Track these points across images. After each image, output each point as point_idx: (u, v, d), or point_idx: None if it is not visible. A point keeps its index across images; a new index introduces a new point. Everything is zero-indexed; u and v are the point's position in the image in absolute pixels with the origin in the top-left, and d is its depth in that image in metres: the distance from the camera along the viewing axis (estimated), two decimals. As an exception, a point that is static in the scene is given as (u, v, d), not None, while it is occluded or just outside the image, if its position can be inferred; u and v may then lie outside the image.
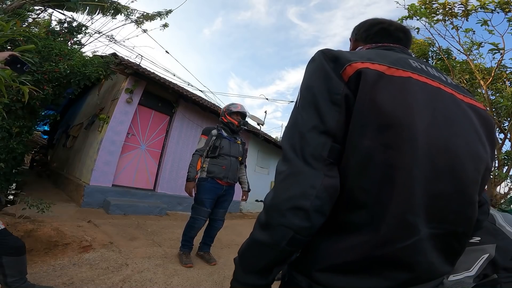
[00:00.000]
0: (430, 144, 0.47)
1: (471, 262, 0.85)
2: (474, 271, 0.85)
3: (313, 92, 0.50)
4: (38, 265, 2.02)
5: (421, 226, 0.47)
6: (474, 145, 0.53)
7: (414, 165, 0.45)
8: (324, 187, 0.45)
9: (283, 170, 0.48)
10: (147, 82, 5.07)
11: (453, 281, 0.85)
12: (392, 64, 0.51)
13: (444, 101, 0.53)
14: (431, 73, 0.56)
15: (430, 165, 0.47)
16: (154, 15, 6.81)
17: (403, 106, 0.46)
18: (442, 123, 0.49)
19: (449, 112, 0.52)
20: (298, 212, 0.44)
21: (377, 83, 0.47)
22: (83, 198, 4.20)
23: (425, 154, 0.46)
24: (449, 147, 0.49)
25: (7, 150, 3.37)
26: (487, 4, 4.70)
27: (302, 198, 0.44)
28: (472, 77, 5.64)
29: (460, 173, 0.50)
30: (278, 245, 0.47)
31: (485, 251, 0.85)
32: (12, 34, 2.52)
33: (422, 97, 0.49)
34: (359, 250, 0.46)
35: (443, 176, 0.48)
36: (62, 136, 7.92)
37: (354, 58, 0.50)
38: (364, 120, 0.46)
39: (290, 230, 0.45)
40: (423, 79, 0.52)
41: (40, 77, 3.67)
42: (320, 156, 0.46)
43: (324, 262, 0.48)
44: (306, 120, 0.48)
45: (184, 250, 2.64)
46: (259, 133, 7.55)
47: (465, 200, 0.52)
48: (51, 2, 5.42)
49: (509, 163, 4.70)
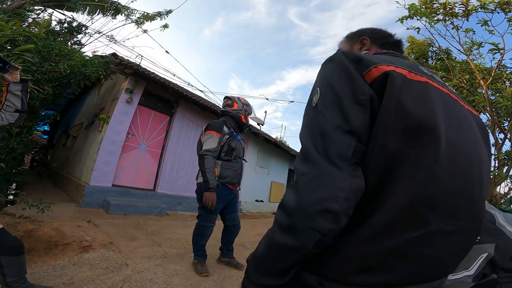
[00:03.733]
0: (449, 146, 0.48)
1: (470, 261, 0.85)
2: (473, 270, 0.84)
3: (336, 92, 0.49)
4: (38, 265, 2.03)
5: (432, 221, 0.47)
6: (479, 148, 0.55)
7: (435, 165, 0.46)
8: (351, 188, 0.44)
9: (307, 171, 0.46)
10: (147, 82, 5.08)
11: (452, 280, 0.85)
12: (411, 68, 0.52)
13: (454, 107, 0.55)
14: (440, 81, 0.58)
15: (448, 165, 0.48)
16: (154, 15, 6.81)
17: (426, 110, 0.48)
18: (456, 127, 0.51)
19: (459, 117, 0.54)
20: (328, 214, 0.44)
21: (402, 86, 0.48)
22: (83, 198, 4.20)
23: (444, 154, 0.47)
24: (463, 149, 0.50)
25: (7, 150, 3.37)
26: (487, 4, 4.70)
27: (332, 200, 0.44)
28: (472, 77, 5.64)
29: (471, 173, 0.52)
30: (304, 248, 0.46)
31: (484, 250, 0.85)
32: (12, 34, 2.53)
33: (439, 102, 0.51)
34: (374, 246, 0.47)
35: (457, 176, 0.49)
36: (62, 136, 7.93)
37: (377, 61, 0.50)
38: (391, 121, 0.46)
39: (318, 233, 0.44)
40: (437, 85, 0.54)
41: (40, 77, 3.67)
42: (345, 156, 0.45)
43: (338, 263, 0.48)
44: (330, 120, 0.47)
45: (199, 259, 2.43)
46: (259, 133, 7.55)
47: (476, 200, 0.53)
48: (51, 2, 5.42)
49: (509, 163, 4.69)
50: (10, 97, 1.44)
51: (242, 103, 2.62)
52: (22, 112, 1.50)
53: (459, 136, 0.51)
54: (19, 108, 1.47)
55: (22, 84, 1.47)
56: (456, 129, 0.51)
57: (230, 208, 2.54)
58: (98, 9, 6.00)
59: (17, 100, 1.45)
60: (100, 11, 6.08)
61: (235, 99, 2.65)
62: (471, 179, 0.52)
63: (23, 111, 1.50)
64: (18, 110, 1.47)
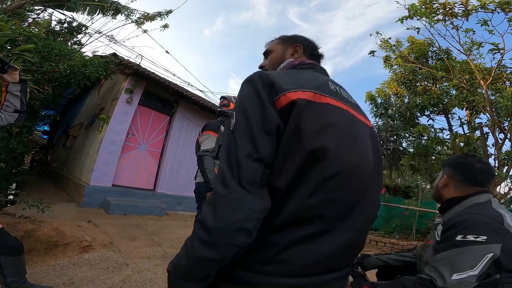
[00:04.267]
0: (342, 161, 0.59)
1: (475, 261, 0.85)
2: (478, 270, 0.84)
3: (248, 120, 0.56)
4: (38, 265, 2.02)
5: (319, 223, 0.58)
6: (367, 158, 0.66)
7: (320, 180, 0.56)
8: (261, 209, 0.53)
9: (225, 194, 0.53)
10: (147, 82, 5.07)
11: (456, 280, 0.85)
12: (316, 89, 0.60)
13: (350, 123, 0.65)
14: (342, 96, 0.67)
15: (340, 178, 0.58)
16: (154, 15, 6.80)
17: (320, 131, 0.57)
18: (347, 144, 0.61)
19: (352, 133, 0.64)
20: (244, 232, 0.52)
21: (303, 110, 0.56)
22: (83, 198, 4.20)
23: (338, 169, 0.58)
24: (351, 163, 0.61)
25: (7, 150, 3.36)
26: (487, 4, 4.71)
27: (247, 221, 0.52)
28: (472, 77, 5.63)
29: (355, 183, 0.62)
30: (225, 259, 0.53)
31: (490, 250, 0.85)
32: (12, 34, 2.52)
33: (336, 121, 0.61)
34: (273, 241, 0.57)
35: (352, 182, 0.61)
36: (62, 136, 7.92)
37: (288, 86, 0.57)
38: (291, 144, 0.55)
39: (236, 247, 0.52)
40: (338, 104, 0.63)
41: (40, 77, 3.66)
42: (254, 181, 0.53)
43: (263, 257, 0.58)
44: (242, 148, 0.55)
45: None
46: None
47: (359, 204, 0.63)
48: (51, 2, 5.42)
49: (509, 163, 4.69)
50: (10, 98, 1.43)
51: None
52: (22, 112, 1.49)
53: (349, 152, 0.61)
54: (19, 108, 1.46)
55: (21, 84, 1.46)
56: (346, 146, 0.61)
57: None
58: (98, 9, 5.99)
59: (16, 101, 1.45)
60: (100, 11, 6.07)
61: (231, 99, 2.64)
62: (354, 187, 0.62)
63: (22, 111, 1.49)
64: (17, 111, 1.46)
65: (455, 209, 1.03)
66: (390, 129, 8.35)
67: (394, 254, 1.40)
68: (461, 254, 0.86)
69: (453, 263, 0.86)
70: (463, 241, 0.87)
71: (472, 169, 1.05)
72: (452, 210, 1.05)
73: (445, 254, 0.90)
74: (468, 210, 0.97)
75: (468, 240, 0.86)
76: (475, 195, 1.02)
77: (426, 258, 1.06)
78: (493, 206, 0.97)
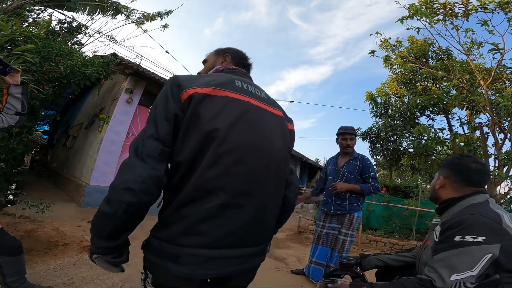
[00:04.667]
0: (231, 142, 0.70)
1: (474, 262, 0.85)
2: (477, 271, 0.84)
3: (156, 110, 0.71)
4: (38, 265, 2.02)
5: (223, 196, 0.69)
6: (269, 139, 0.78)
7: (223, 155, 0.69)
8: (149, 176, 0.65)
9: (125, 163, 0.68)
10: (147, 82, 5.07)
11: (455, 281, 0.85)
12: (218, 86, 0.74)
13: (251, 112, 0.77)
14: (248, 91, 0.81)
15: (235, 154, 0.71)
16: (155, 15, 6.80)
17: (216, 117, 0.70)
18: (246, 125, 0.74)
19: (252, 119, 0.76)
20: (129, 191, 0.64)
21: (202, 102, 0.70)
22: (83, 198, 4.20)
23: (229, 148, 0.70)
24: (248, 143, 0.73)
25: (7, 150, 3.37)
26: (487, 4, 4.70)
27: (133, 182, 0.64)
28: (472, 77, 5.63)
29: (254, 161, 0.73)
30: (115, 214, 0.64)
31: (488, 250, 0.84)
32: (12, 34, 2.53)
33: (235, 110, 0.74)
34: (185, 214, 0.69)
35: (250, 159, 0.72)
36: (62, 136, 7.93)
37: (190, 85, 0.72)
38: (189, 129, 0.70)
39: (123, 203, 0.64)
40: (237, 96, 0.76)
41: (40, 77, 3.66)
42: (153, 155, 0.67)
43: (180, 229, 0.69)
44: (148, 131, 0.70)
45: None
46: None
47: (263, 181, 0.75)
48: (51, 2, 5.42)
49: (509, 163, 4.69)
50: (11, 100, 1.43)
51: None
52: (23, 115, 1.49)
53: (243, 133, 0.73)
54: (19, 111, 1.46)
55: (23, 87, 1.45)
56: (241, 128, 0.73)
57: None
58: (98, 9, 5.99)
59: (17, 103, 1.45)
60: (100, 11, 6.07)
61: None
62: (253, 164, 0.73)
63: (23, 113, 1.49)
64: (18, 113, 1.46)
65: (453, 210, 1.03)
66: (390, 129, 8.34)
67: (394, 254, 1.39)
68: (460, 254, 0.86)
69: (452, 264, 0.86)
70: (461, 241, 0.87)
71: (468, 169, 1.05)
72: (449, 211, 1.05)
73: (443, 254, 0.90)
74: (466, 211, 0.97)
75: (467, 240, 0.86)
76: (472, 195, 1.02)
77: (424, 259, 1.06)
78: (491, 206, 0.97)
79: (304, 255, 3.45)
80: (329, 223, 2.53)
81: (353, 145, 2.59)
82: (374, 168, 2.81)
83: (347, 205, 2.46)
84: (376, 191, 2.48)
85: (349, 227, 2.45)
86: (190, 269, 0.67)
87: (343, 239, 2.44)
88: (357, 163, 2.51)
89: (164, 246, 0.70)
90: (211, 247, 0.69)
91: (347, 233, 2.45)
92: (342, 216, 2.48)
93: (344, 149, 2.61)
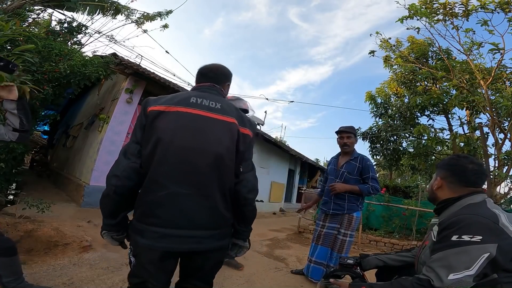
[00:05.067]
0: (180, 144, 0.94)
1: (471, 261, 0.85)
2: (474, 270, 0.84)
3: (136, 122, 1.03)
4: (38, 265, 2.02)
5: (170, 186, 0.91)
6: (212, 141, 0.96)
7: (167, 156, 0.93)
8: (128, 166, 0.94)
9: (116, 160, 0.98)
10: (147, 82, 5.08)
11: (453, 280, 0.85)
12: (172, 104, 0.98)
13: (198, 120, 0.98)
14: (201, 105, 1.00)
15: (179, 155, 0.93)
16: (155, 15, 6.79)
17: (166, 128, 0.95)
18: (189, 133, 0.96)
19: (197, 126, 0.97)
20: (115, 177, 0.93)
21: (157, 117, 0.96)
22: (83, 198, 4.20)
23: (173, 150, 0.93)
24: (190, 145, 0.95)
25: (7, 150, 3.37)
26: (487, 4, 4.70)
27: (117, 171, 0.94)
28: (472, 77, 5.63)
29: (190, 159, 0.94)
30: (109, 195, 0.94)
31: (486, 250, 0.85)
32: (12, 34, 2.52)
33: (181, 121, 0.96)
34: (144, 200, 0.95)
35: (188, 159, 0.94)
36: (62, 136, 7.93)
37: (153, 104, 0.99)
38: (148, 136, 0.96)
39: (112, 186, 0.93)
40: (188, 110, 0.98)
41: (40, 77, 3.67)
42: (133, 153, 0.97)
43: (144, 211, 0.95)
44: (132, 137, 1.01)
45: None
46: (259, 133, 7.56)
47: (196, 173, 0.94)
48: (51, 2, 5.41)
49: (509, 163, 4.69)
50: (8, 116, 1.34)
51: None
52: (23, 131, 1.38)
53: (182, 139, 0.94)
54: (17, 127, 1.35)
55: (17, 103, 1.33)
56: (181, 135, 0.94)
57: None
58: (98, 9, 5.99)
59: (15, 119, 1.34)
60: (100, 11, 6.07)
61: None
62: (195, 161, 0.94)
63: (23, 130, 1.38)
64: (17, 130, 1.36)
65: (450, 210, 1.03)
66: (390, 129, 8.34)
67: (393, 254, 1.40)
68: (457, 254, 0.87)
69: (449, 263, 0.87)
70: (458, 241, 0.88)
71: (465, 170, 1.06)
72: (447, 211, 1.05)
73: (441, 254, 0.90)
74: (463, 210, 0.97)
75: (464, 240, 0.87)
76: (469, 196, 1.02)
77: (423, 259, 1.07)
78: (488, 206, 0.97)
79: (304, 255, 3.45)
80: (329, 222, 2.53)
81: (350, 144, 2.57)
82: (374, 168, 2.80)
83: (346, 205, 2.46)
84: (376, 192, 2.47)
85: (348, 227, 2.45)
86: (151, 242, 0.90)
87: (342, 239, 2.44)
88: (356, 163, 2.51)
89: (136, 224, 0.96)
90: (164, 226, 0.90)
91: (346, 233, 2.45)
92: (341, 216, 2.47)
93: (342, 148, 2.61)
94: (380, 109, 8.93)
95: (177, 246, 0.91)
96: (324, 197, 2.66)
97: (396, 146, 8.58)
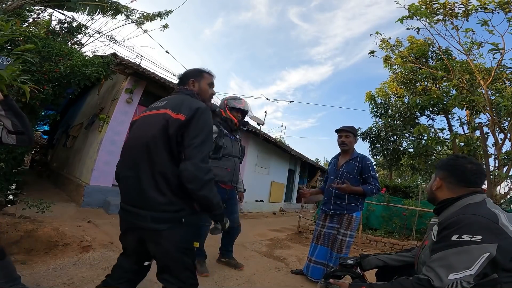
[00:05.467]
0: (130, 140, 1.24)
1: (471, 261, 0.85)
2: (474, 270, 0.84)
3: None
4: (38, 265, 2.02)
5: (121, 170, 1.22)
6: (146, 133, 1.15)
7: (124, 150, 1.28)
8: None
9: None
10: (147, 82, 5.07)
11: (453, 280, 0.85)
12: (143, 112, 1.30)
13: (142, 118, 1.25)
14: (153, 106, 1.25)
15: (126, 149, 1.25)
16: (154, 15, 6.80)
17: (130, 130, 1.32)
18: (137, 131, 1.22)
19: (140, 123, 1.24)
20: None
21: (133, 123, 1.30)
22: (83, 198, 4.20)
23: (126, 145, 1.27)
24: (133, 140, 1.22)
25: (7, 150, 3.36)
26: (487, 4, 4.70)
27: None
28: (472, 77, 5.63)
29: (137, 148, 1.16)
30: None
31: (486, 249, 0.85)
32: (12, 34, 2.52)
33: (139, 122, 1.25)
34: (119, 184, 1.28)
35: (130, 151, 1.20)
36: (62, 136, 7.92)
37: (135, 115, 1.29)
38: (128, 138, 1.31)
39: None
40: (144, 113, 1.26)
41: (40, 77, 3.66)
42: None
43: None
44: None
45: (198, 259, 2.34)
46: (259, 133, 7.55)
47: (137, 161, 1.14)
48: (51, 2, 5.42)
49: (509, 163, 4.68)
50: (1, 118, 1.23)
51: (224, 103, 2.61)
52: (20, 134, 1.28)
53: (136, 134, 1.21)
54: (11, 129, 1.25)
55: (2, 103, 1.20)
56: (136, 132, 1.22)
57: (228, 210, 2.47)
58: (98, 9, 5.99)
59: (6, 121, 1.24)
60: (100, 11, 6.07)
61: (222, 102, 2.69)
62: (134, 151, 1.17)
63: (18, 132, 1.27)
64: (11, 132, 1.26)
65: (450, 210, 1.04)
66: (390, 129, 8.34)
67: (393, 254, 1.40)
68: (457, 254, 0.87)
69: (449, 263, 0.87)
70: (458, 241, 0.88)
71: (464, 170, 1.06)
72: (447, 211, 1.05)
73: (441, 254, 0.90)
74: (463, 210, 0.97)
75: (464, 240, 0.87)
76: (468, 196, 1.02)
77: (423, 259, 1.07)
78: (488, 206, 0.97)
79: (304, 255, 3.45)
80: (329, 222, 2.53)
81: (349, 143, 2.57)
82: (374, 168, 2.80)
83: (345, 205, 2.46)
84: (377, 192, 2.48)
85: (347, 227, 2.45)
86: (119, 213, 1.22)
87: (342, 239, 2.44)
88: (356, 162, 2.51)
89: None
90: (122, 202, 1.19)
91: (345, 233, 2.44)
92: (341, 216, 2.47)
93: (340, 147, 2.61)
94: (380, 109, 8.93)
95: (129, 219, 1.15)
96: (324, 197, 2.66)
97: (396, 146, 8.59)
